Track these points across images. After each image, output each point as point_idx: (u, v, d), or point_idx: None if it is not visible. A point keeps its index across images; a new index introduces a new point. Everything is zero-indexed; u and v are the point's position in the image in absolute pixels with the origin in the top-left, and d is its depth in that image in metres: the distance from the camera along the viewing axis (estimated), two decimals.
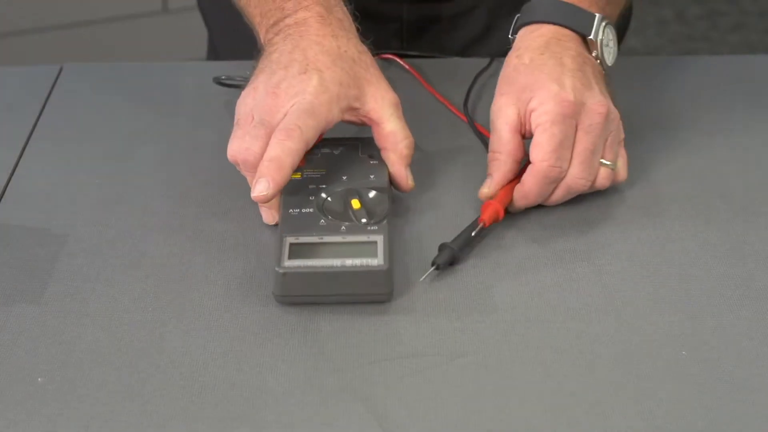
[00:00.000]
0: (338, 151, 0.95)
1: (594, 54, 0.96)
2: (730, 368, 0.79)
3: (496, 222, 0.91)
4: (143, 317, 0.83)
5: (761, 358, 0.80)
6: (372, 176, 0.92)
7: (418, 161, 1.00)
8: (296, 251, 0.84)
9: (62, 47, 2.38)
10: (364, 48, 0.95)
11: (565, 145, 0.91)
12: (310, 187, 0.90)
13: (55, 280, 0.87)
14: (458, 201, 0.95)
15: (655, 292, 0.86)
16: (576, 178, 0.92)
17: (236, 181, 0.92)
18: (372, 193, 0.90)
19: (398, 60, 1.13)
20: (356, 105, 0.92)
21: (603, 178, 0.93)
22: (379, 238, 0.85)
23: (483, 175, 0.94)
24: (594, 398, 0.76)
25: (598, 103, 0.92)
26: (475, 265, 0.88)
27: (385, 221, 0.87)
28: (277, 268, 0.83)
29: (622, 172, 0.95)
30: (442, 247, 0.88)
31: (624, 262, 0.89)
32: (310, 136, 0.88)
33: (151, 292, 0.86)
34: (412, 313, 0.84)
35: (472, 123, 1.05)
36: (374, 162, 0.93)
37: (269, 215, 0.91)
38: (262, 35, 0.98)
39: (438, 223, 0.93)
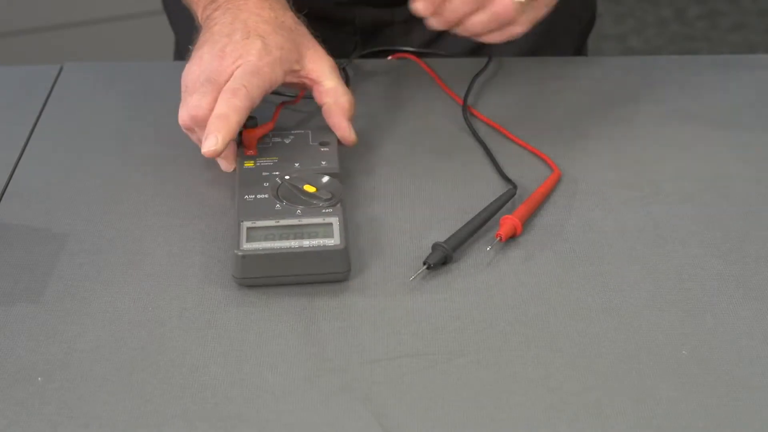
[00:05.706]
0: (289, 140, 0.97)
1: None
2: (730, 368, 0.79)
3: (513, 237, 0.91)
4: (143, 317, 0.83)
5: (761, 358, 0.80)
6: (324, 162, 0.94)
7: (415, 157, 1.00)
8: (254, 235, 0.86)
9: (62, 47, 2.38)
10: (299, 20, 1.01)
11: None
12: (264, 174, 0.92)
13: (55, 279, 0.87)
14: (453, 199, 0.95)
15: (655, 292, 0.86)
16: None
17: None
18: (325, 178, 0.92)
19: (416, 59, 1.14)
20: (297, 67, 0.97)
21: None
22: (335, 220, 0.87)
23: (477, 173, 0.93)
24: (594, 398, 0.76)
25: None
26: (475, 264, 0.88)
27: (339, 204, 0.88)
28: (236, 251, 0.84)
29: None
30: (434, 247, 0.88)
31: (624, 262, 0.89)
32: (256, 94, 0.92)
33: (151, 292, 0.86)
34: (412, 312, 0.84)
35: (469, 123, 1.05)
36: (325, 149, 0.95)
37: (226, 164, 0.95)
38: (199, 13, 1.02)
39: (432, 220, 0.93)
